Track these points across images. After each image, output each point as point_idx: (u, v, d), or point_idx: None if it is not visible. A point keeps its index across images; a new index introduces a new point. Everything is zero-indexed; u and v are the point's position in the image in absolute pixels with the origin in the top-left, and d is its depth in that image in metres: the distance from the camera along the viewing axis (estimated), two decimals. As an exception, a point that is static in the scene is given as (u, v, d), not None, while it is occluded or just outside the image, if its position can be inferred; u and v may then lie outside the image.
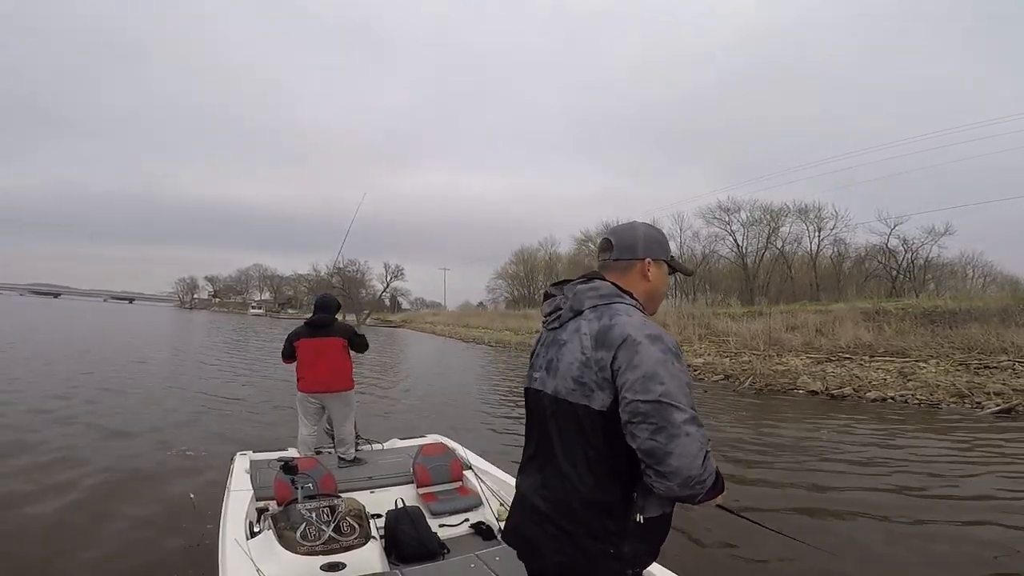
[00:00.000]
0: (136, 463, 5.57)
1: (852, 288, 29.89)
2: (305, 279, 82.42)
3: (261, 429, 7.27)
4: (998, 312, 13.00)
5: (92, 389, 9.85)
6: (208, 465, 5.22)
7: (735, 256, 37.84)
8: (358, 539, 2.49)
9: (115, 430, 6.98)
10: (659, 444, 1.11)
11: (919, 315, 14.44)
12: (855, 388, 11.60)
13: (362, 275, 72.19)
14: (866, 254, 33.02)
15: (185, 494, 4.39)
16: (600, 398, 1.19)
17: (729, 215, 37.06)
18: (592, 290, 1.32)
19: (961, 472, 5.81)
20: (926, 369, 11.73)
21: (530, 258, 56.44)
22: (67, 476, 5.09)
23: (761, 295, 32.47)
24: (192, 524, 3.86)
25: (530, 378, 1.43)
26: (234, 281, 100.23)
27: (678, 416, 1.12)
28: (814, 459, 6.38)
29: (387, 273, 71.53)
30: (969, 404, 9.73)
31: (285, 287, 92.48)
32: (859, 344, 13.96)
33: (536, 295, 54.15)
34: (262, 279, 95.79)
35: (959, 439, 7.39)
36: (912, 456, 6.50)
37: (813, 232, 34.81)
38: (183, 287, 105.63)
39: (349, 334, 4.32)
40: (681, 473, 1.10)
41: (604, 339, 1.21)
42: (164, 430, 7.07)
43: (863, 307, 16.95)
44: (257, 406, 9.04)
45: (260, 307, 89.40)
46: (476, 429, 7.48)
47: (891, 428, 8.19)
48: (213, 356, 17.69)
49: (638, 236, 1.40)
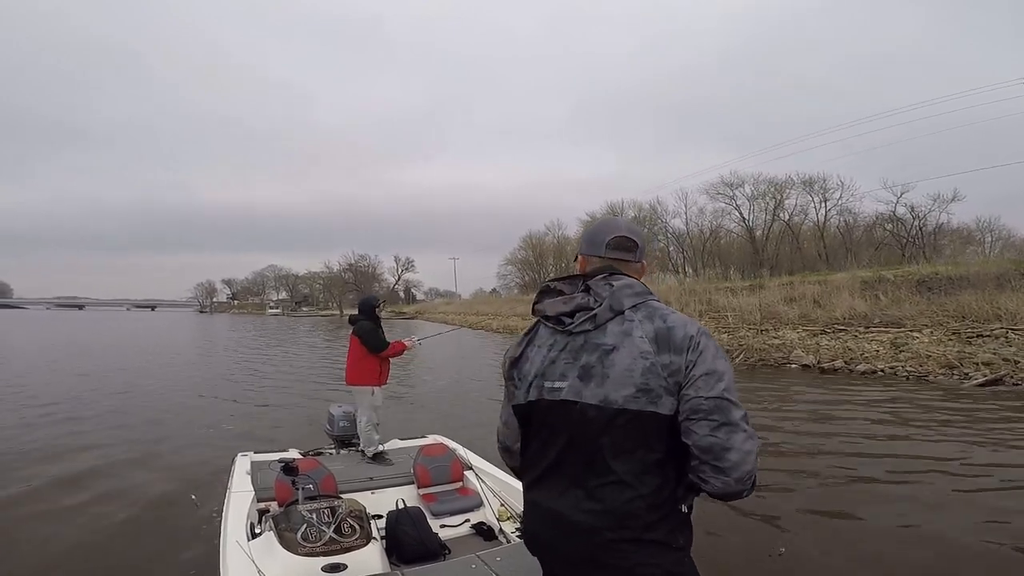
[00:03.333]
0: (138, 464, 5.72)
1: (864, 256, 29.49)
2: (319, 277, 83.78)
3: (265, 430, 7.39)
4: (994, 278, 12.82)
5: (99, 392, 10.26)
6: (209, 466, 5.31)
7: (742, 230, 37.46)
8: (359, 540, 2.50)
9: (118, 430, 7.22)
10: (719, 440, 1.11)
11: (916, 283, 14.30)
12: (846, 361, 11.65)
13: (373, 269, 73.04)
14: (874, 222, 32.44)
15: (186, 495, 4.47)
16: (669, 403, 1.16)
17: (733, 190, 36.66)
18: (627, 288, 1.26)
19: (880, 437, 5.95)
20: (919, 339, 11.68)
21: (538, 243, 56.39)
22: (70, 476, 5.28)
23: (769, 267, 32.10)
24: (193, 525, 3.90)
25: (539, 388, 1.28)
26: (250, 283, 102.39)
27: (736, 413, 1.13)
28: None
29: (398, 266, 72.43)
30: (957, 375, 9.73)
31: (300, 285, 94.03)
32: (854, 315, 13.90)
33: (545, 278, 53.77)
34: (277, 279, 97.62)
35: (911, 408, 7.49)
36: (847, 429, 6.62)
37: (819, 203, 34.30)
38: (202, 291, 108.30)
39: (361, 332, 4.46)
40: (739, 468, 1.11)
41: (667, 341, 1.18)
42: (166, 431, 7.25)
43: (863, 276, 16.78)
44: (263, 407, 9.22)
45: (277, 307, 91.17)
46: (470, 418, 7.63)
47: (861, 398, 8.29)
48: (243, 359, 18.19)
49: (643, 238, 1.40)
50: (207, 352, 20.89)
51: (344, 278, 74.51)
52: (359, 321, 4.54)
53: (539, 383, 1.28)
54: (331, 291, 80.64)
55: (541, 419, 1.29)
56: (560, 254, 53.77)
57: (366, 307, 4.63)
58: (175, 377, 13.03)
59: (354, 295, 73.52)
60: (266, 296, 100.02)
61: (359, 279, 72.10)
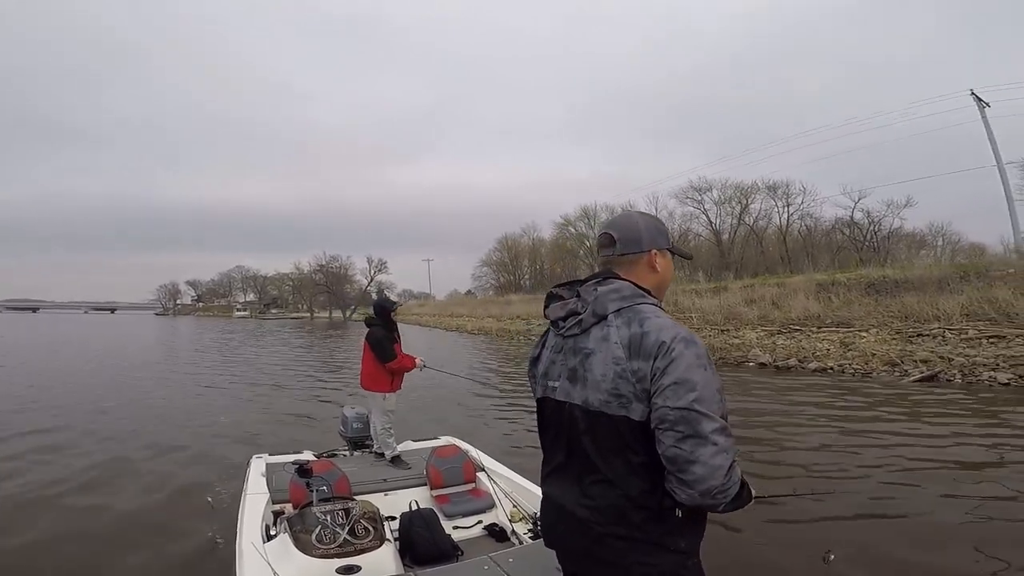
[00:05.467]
0: (154, 466, 5.75)
1: (824, 259, 30.81)
2: (289, 278, 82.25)
3: (278, 432, 7.40)
4: (936, 281, 13.70)
5: (107, 395, 10.20)
6: (225, 469, 5.34)
7: (710, 234, 38.63)
8: (373, 541, 2.51)
9: (133, 434, 7.21)
10: (683, 452, 1.10)
11: (866, 286, 15.14)
12: (799, 359, 12.30)
13: (345, 270, 72.14)
14: (832, 227, 33.92)
15: (202, 497, 4.55)
16: (639, 409, 1.17)
17: (701, 194, 37.86)
18: (614, 292, 1.26)
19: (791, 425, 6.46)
20: (866, 339, 12.43)
21: (514, 244, 56.78)
22: (85, 479, 5.29)
23: (734, 270, 33.20)
24: (209, 527, 3.92)
25: (544, 386, 1.38)
26: (216, 284, 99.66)
27: (707, 425, 1.10)
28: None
29: (371, 267, 71.63)
30: (898, 372, 10.42)
31: (269, 287, 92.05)
32: (808, 316, 14.66)
33: (521, 280, 54.79)
34: (245, 280, 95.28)
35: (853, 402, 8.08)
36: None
37: (783, 208, 35.71)
38: (165, 293, 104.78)
39: (372, 340, 4.39)
40: (704, 482, 1.09)
41: (639, 348, 1.17)
42: (182, 434, 7.24)
43: (819, 279, 17.64)
44: (273, 410, 9.19)
45: (245, 309, 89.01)
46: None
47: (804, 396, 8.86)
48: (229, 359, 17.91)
49: (640, 227, 1.34)
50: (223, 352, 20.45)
51: (315, 279, 73.35)
52: (374, 326, 4.44)
53: (544, 382, 1.38)
54: (301, 293, 79.27)
55: (549, 416, 1.38)
56: (535, 256, 54.35)
57: (381, 312, 4.48)
58: (183, 380, 12.84)
59: (325, 297, 72.59)
60: (233, 298, 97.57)
61: (330, 280, 71.09)
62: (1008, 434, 6.19)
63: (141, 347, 24.35)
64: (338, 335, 33.54)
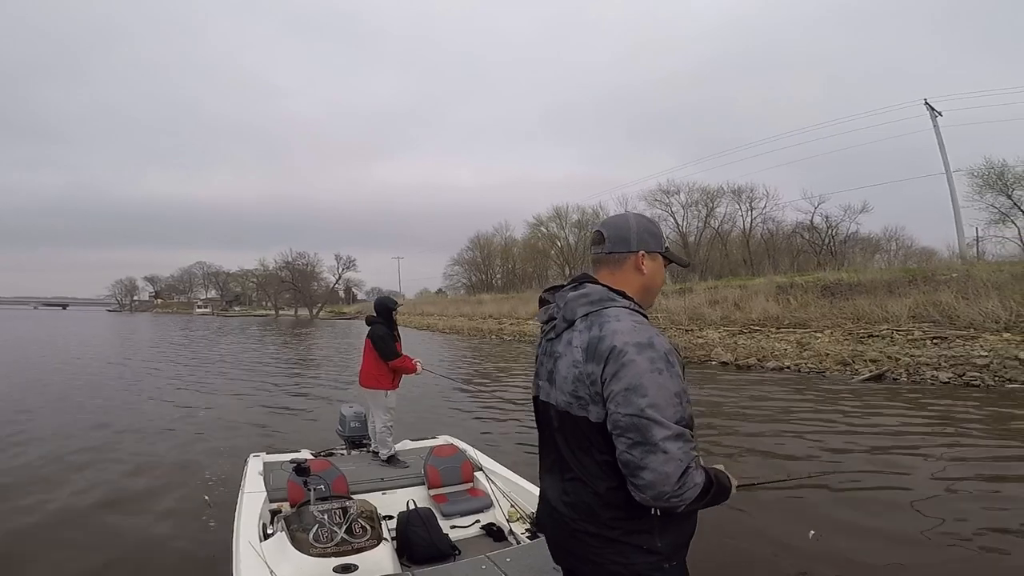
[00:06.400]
0: (151, 464, 5.69)
1: (784, 262, 31.95)
2: (253, 275, 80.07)
3: (274, 431, 7.37)
4: (885, 284, 14.42)
5: (98, 393, 10.01)
6: (222, 467, 5.34)
7: (676, 236, 39.52)
8: (370, 540, 2.51)
9: (129, 432, 7.13)
10: (633, 458, 1.11)
11: (822, 289, 15.81)
12: (759, 359, 12.79)
13: (312, 268, 70.69)
14: (793, 231, 35.19)
15: (200, 496, 4.55)
16: (596, 411, 1.19)
17: (669, 197, 38.72)
18: (583, 297, 1.29)
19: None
20: (820, 339, 13.01)
21: (486, 243, 56.73)
22: (82, 477, 5.22)
23: (699, 272, 34.12)
24: (206, 525, 3.95)
25: (536, 387, 1.44)
26: (176, 280, 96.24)
27: (657, 432, 1.10)
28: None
29: (339, 264, 70.36)
30: (849, 371, 10.96)
31: (232, 284, 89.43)
32: (768, 317, 15.23)
33: (493, 280, 54.87)
34: (207, 277, 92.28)
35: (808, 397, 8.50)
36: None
37: (746, 211, 36.86)
38: (121, 289, 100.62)
39: (375, 337, 4.36)
40: (653, 488, 1.10)
41: (594, 352, 1.19)
42: (179, 433, 7.15)
43: (779, 281, 18.30)
44: (271, 408, 9.10)
45: (207, 306, 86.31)
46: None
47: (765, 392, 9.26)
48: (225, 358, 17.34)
49: (631, 228, 1.35)
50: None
51: (280, 276, 71.59)
52: (375, 324, 4.43)
53: (536, 382, 1.44)
54: (266, 290, 77.19)
55: (538, 415, 1.44)
56: (508, 255, 54.47)
57: (383, 310, 4.45)
58: (172, 377, 12.42)
59: (290, 294, 70.94)
60: (194, 295, 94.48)
61: (297, 278, 69.54)
62: (945, 425, 6.63)
63: (115, 344, 23.42)
64: (307, 333, 32.89)
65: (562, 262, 45.98)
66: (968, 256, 18.85)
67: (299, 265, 70.02)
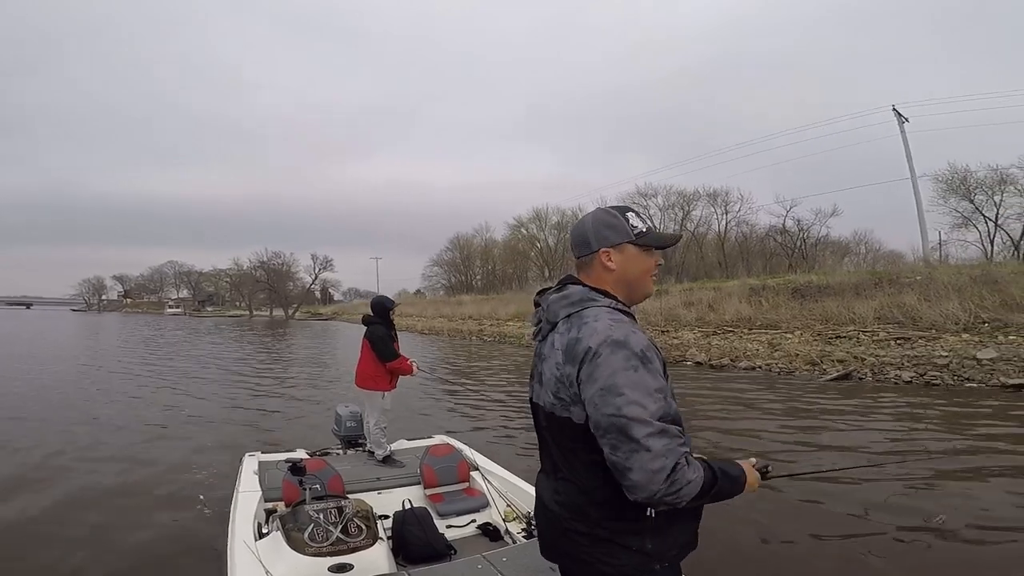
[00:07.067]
0: (146, 464, 5.62)
1: (757, 265, 32.68)
2: (227, 274, 78.40)
3: (269, 430, 7.31)
4: (853, 287, 14.88)
5: (90, 393, 9.83)
6: (217, 467, 5.30)
7: (652, 238, 40.17)
8: (365, 540, 2.50)
9: (123, 429, 7.05)
10: (619, 460, 1.10)
11: (792, 291, 16.23)
12: (732, 359, 13.07)
13: (288, 268, 69.55)
14: (766, 234, 36.03)
15: (195, 495, 4.51)
16: (577, 412, 1.19)
17: (647, 200, 39.27)
18: (564, 299, 1.29)
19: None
20: (791, 340, 13.36)
21: (466, 244, 56.56)
22: (77, 477, 5.15)
23: (675, 274, 34.67)
24: (201, 525, 3.93)
25: (530, 388, 1.44)
26: (146, 280, 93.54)
27: (639, 430, 1.08)
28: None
29: (315, 264, 69.35)
30: (817, 371, 11.28)
31: (205, 283, 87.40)
32: (740, 318, 15.58)
33: (473, 281, 54.79)
34: (178, 276, 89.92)
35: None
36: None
37: (721, 215, 37.62)
38: (88, 288, 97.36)
39: (373, 338, 4.36)
40: (643, 489, 1.09)
41: (571, 354, 1.19)
42: (172, 432, 7.08)
43: (751, 283, 18.72)
44: (265, 408, 9.01)
45: (178, 305, 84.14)
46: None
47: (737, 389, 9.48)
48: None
49: (587, 228, 1.33)
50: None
51: (255, 276, 70.24)
52: (372, 324, 4.41)
53: (531, 384, 1.44)
54: (240, 290, 75.63)
55: (534, 416, 1.43)
56: (487, 256, 54.42)
57: (380, 310, 4.46)
58: (166, 376, 12.01)
59: (265, 294, 69.68)
60: (164, 294, 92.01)
61: (272, 277, 68.32)
62: (904, 420, 6.90)
63: (92, 344, 22.64)
64: (282, 334, 32.30)
65: (542, 263, 46.16)
66: (931, 259, 19.55)
67: (274, 265, 68.91)
